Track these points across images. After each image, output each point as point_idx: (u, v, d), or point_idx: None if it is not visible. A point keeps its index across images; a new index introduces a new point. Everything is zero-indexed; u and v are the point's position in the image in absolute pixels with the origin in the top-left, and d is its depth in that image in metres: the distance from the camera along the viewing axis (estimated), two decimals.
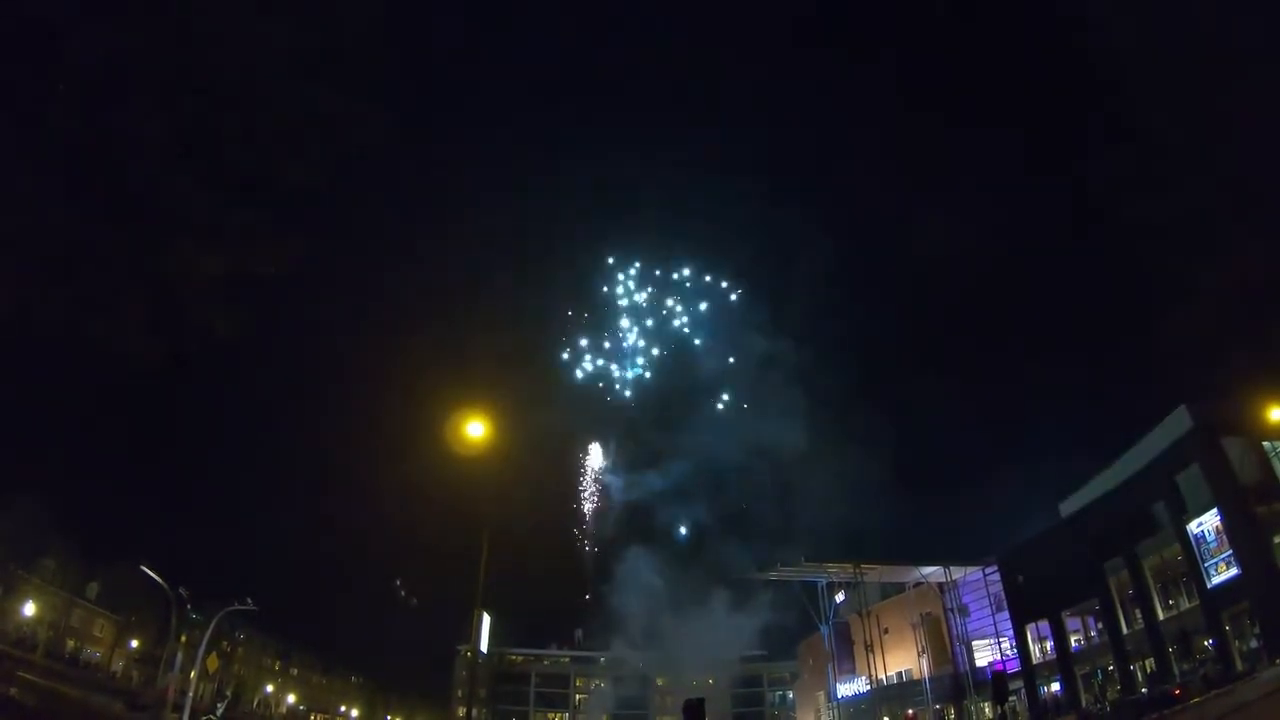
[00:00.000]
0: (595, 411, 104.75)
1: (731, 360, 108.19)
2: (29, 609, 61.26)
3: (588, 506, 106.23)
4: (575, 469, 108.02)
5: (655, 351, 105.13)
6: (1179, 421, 43.03)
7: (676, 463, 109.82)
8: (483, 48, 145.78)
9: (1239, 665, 35.47)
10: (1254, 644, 35.72)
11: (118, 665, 72.31)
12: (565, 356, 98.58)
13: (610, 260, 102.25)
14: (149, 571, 50.56)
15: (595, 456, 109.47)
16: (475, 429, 21.53)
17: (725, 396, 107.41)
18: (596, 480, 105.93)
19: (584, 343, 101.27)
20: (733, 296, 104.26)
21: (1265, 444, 38.22)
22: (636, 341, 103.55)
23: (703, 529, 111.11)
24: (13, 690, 37.15)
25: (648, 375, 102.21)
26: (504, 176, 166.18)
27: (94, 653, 69.72)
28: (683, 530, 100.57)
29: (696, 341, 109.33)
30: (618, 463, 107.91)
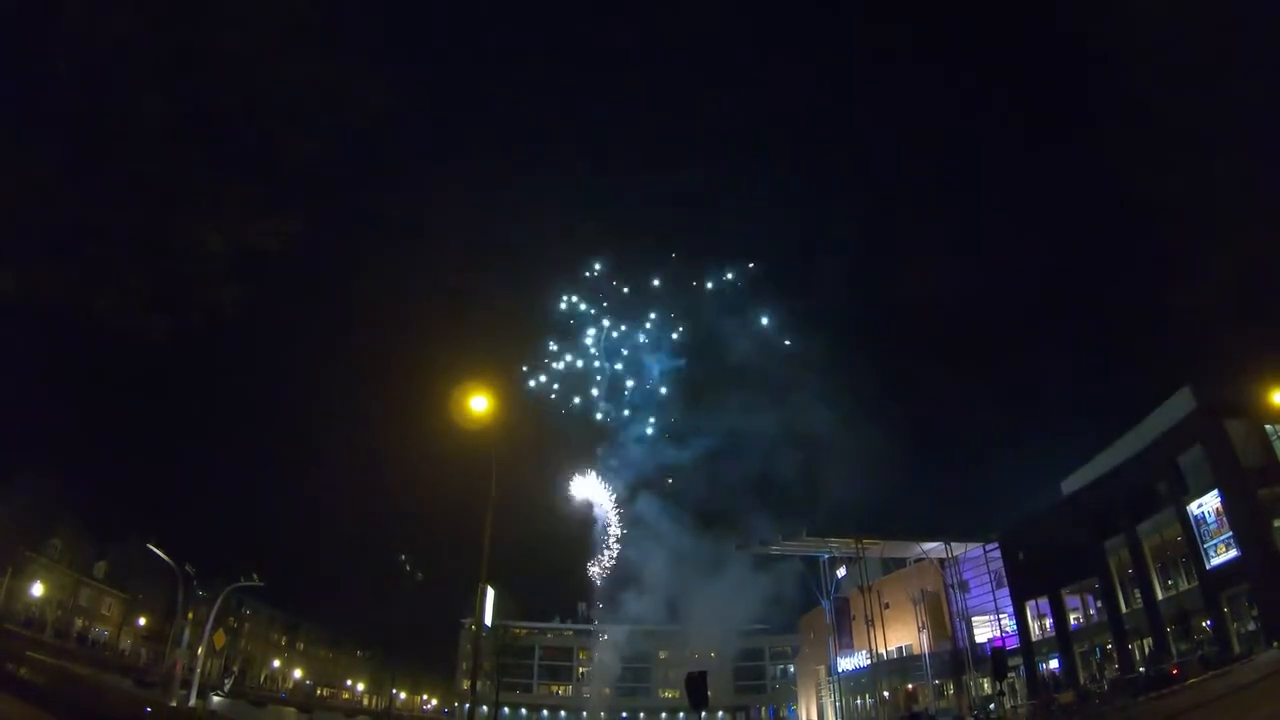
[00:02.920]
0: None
1: (737, 338, 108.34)
2: (37, 589, 61.76)
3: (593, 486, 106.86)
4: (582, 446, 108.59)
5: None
6: (1182, 402, 43.00)
7: (683, 436, 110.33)
8: (483, 24, 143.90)
9: (1236, 647, 35.66)
10: (1252, 626, 35.90)
11: (126, 643, 73.04)
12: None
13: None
14: (156, 550, 50.92)
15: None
16: (479, 403, 21.52)
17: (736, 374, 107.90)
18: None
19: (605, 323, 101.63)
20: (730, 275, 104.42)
21: (1267, 427, 38.17)
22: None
23: (706, 504, 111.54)
24: (22, 670, 37.40)
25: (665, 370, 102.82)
26: (507, 153, 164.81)
27: (102, 631, 70.36)
28: (687, 502, 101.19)
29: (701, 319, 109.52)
30: (625, 437, 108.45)
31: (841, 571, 78.26)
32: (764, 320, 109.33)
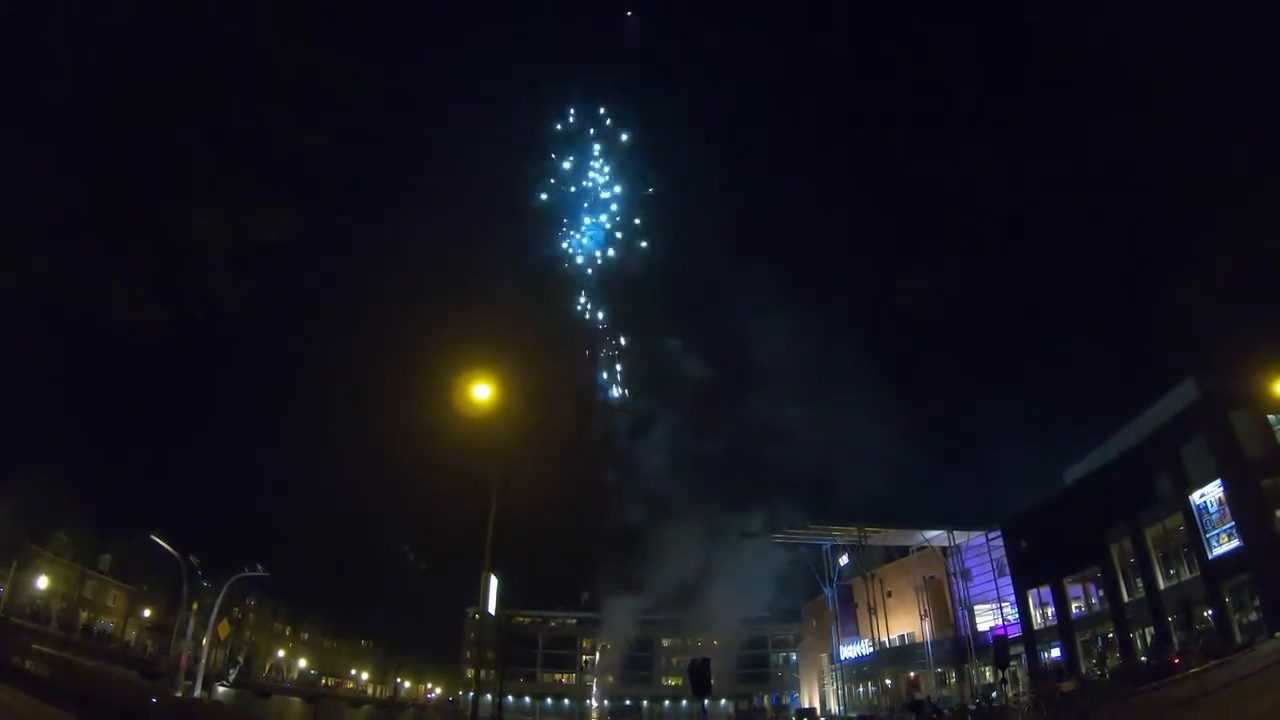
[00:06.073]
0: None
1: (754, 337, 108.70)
2: (42, 582, 61.98)
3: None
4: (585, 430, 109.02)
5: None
6: (1185, 392, 42.86)
7: (690, 423, 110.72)
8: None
9: (1238, 637, 35.67)
10: (1254, 617, 35.89)
11: (131, 635, 73.35)
12: None
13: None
14: (160, 541, 51.09)
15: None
16: (481, 391, 21.46)
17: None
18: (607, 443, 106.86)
19: None
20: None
21: (1270, 417, 38.10)
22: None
23: (709, 491, 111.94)
24: (28, 662, 37.57)
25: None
26: (507, 135, 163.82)
27: (107, 623, 70.63)
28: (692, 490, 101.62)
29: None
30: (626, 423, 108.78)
31: (844, 559, 78.41)
32: (766, 305, 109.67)
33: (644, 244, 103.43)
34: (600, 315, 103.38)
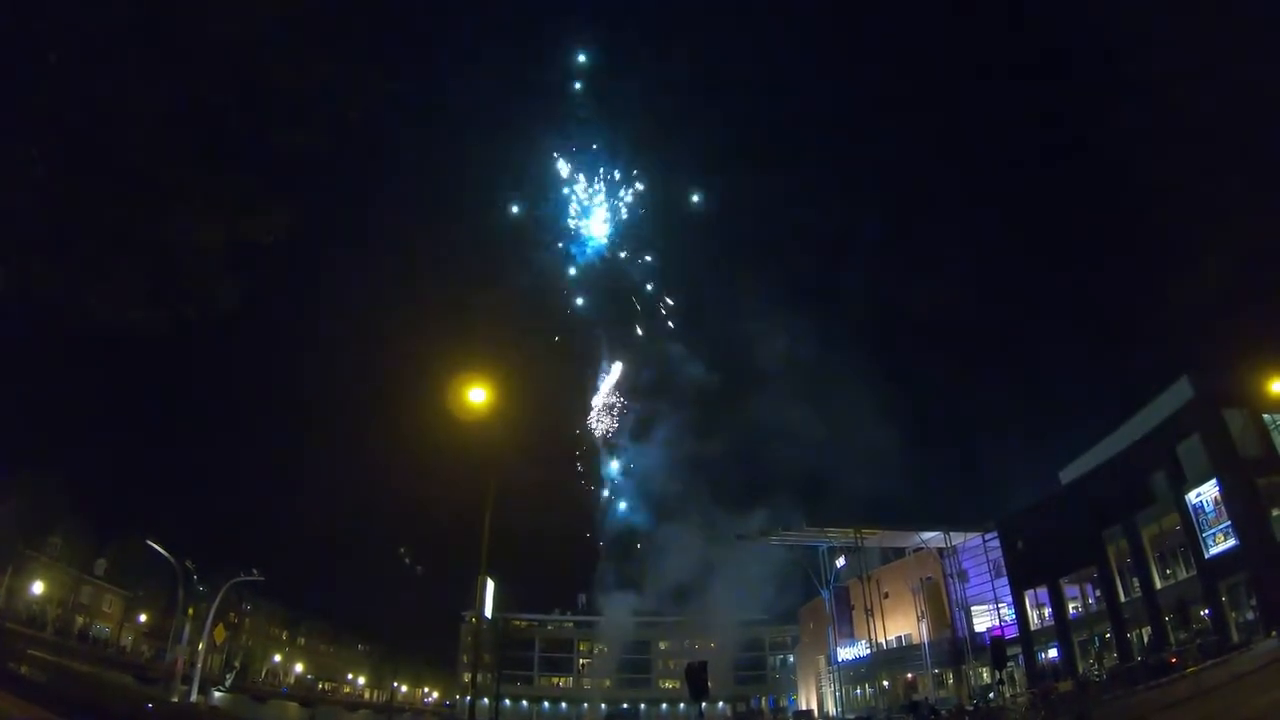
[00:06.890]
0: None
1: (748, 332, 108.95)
2: (38, 587, 61.63)
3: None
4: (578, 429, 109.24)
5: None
6: (1181, 392, 43.00)
7: (684, 425, 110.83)
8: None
9: (1235, 636, 35.73)
10: (1250, 615, 35.98)
11: (127, 640, 72.95)
12: None
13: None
14: (155, 545, 50.94)
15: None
16: (477, 395, 21.44)
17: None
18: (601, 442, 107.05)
19: None
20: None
21: (1265, 416, 38.20)
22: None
23: (706, 493, 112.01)
24: (24, 667, 37.37)
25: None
26: (501, 139, 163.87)
27: (103, 628, 70.19)
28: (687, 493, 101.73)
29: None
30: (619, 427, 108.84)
31: (841, 561, 78.44)
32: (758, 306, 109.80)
33: (642, 246, 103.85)
34: (599, 318, 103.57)
